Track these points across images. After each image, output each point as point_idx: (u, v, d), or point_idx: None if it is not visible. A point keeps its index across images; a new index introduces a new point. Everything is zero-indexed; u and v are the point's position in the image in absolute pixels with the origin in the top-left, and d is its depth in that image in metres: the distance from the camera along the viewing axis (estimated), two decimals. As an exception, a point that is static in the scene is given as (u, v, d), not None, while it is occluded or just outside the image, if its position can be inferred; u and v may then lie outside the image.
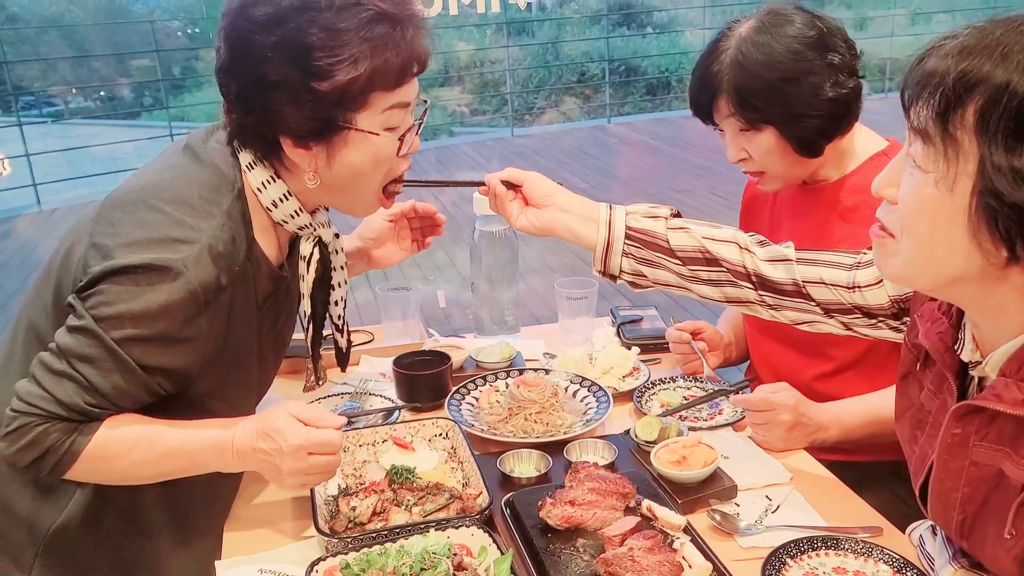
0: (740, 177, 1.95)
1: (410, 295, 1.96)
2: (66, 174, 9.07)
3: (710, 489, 1.32)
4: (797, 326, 1.35)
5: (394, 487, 1.31)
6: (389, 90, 1.21)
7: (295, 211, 1.29)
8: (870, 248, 1.50)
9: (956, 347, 1.03)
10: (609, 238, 1.34)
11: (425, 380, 1.66)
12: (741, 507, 1.32)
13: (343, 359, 1.55)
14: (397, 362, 1.69)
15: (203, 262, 1.15)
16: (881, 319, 1.26)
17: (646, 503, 1.23)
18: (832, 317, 1.30)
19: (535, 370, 1.72)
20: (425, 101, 1.32)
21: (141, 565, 1.33)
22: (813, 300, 1.29)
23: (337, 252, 1.43)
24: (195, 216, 1.18)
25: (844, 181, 1.61)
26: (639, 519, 1.18)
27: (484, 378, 1.70)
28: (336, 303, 1.47)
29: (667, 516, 1.20)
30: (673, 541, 1.15)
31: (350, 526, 1.25)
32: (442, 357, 1.72)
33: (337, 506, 1.28)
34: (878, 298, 1.25)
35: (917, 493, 1.10)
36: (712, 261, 1.33)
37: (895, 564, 1.15)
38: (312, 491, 1.28)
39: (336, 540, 1.18)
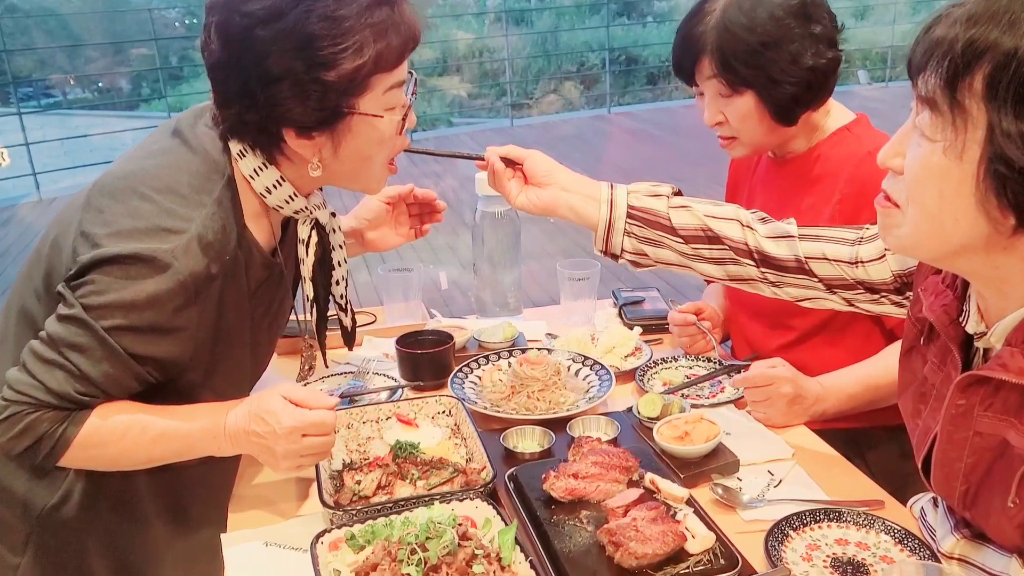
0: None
1: (411, 276, 1.97)
2: (65, 163, 9.07)
3: (712, 464, 1.33)
4: (799, 303, 1.36)
5: (398, 461, 1.32)
6: (389, 71, 1.21)
7: (290, 196, 1.28)
8: (829, 220, 1.52)
9: (961, 319, 1.03)
10: (611, 217, 1.34)
11: (428, 359, 1.66)
12: (743, 481, 1.32)
13: (349, 338, 1.56)
14: (400, 341, 1.69)
15: (192, 252, 1.14)
16: (884, 294, 1.27)
17: (649, 476, 1.24)
18: (835, 293, 1.30)
19: (538, 349, 1.72)
20: (411, 73, 1.30)
21: (136, 549, 1.34)
22: (815, 276, 1.30)
23: (335, 231, 1.42)
24: (185, 205, 1.17)
25: (810, 153, 1.64)
26: (642, 491, 1.19)
27: (487, 357, 1.70)
28: (338, 283, 1.46)
29: (670, 488, 1.21)
30: (676, 513, 1.16)
31: (355, 499, 1.25)
32: (445, 336, 1.72)
33: (342, 480, 1.29)
34: (881, 273, 1.25)
35: (920, 466, 1.11)
36: (714, 239, 1.33)
37: (896, 535, 1.16)
38: (317, 466, 1.28)
39: (341, 513, 1.18)
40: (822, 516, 1.20)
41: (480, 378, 1.65)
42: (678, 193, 1.38)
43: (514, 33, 12.68)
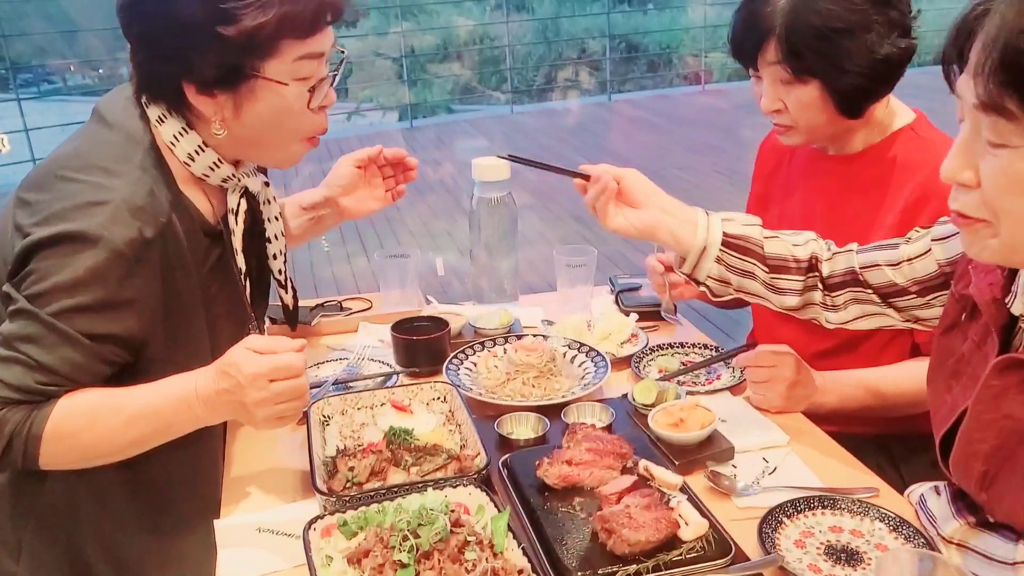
0: (743, 155, 1.94)
1: (408, 262, 1.96)
2: (64, 150, 9.04)
3: (707, 451, 1.32)
4: (850, 324, 1.33)
5: (392, 448, 1.31)
6: (300, 39, 1.18)
7: (214, 163, 1.26)
8: (893, 226, 1.47)
9: (1007, 300, 1.01)
10: (706, 243, 1.31)
11: (424, 345, 1.65)
12: (738, 468, 1.32)
13: (291, 317, 1.53)
14: (395, 327, 1.69)
15: (121, 220, 1.13)
16: (933, 294, 1.23)
17: (643, 463, 1.23)
18: (890, 305, 1.28)
19: (533, 335, 1.71)
20: (343, 51, 1.28)
21: (129, 545, 1.33)
22: (870, 287, 1.28)
23: (269, 202, 1.40)
24: (107, 177, 1.16)
25: (866, 153, 1.57)
26: (636, 478, 1.19)
27: (482, 344, 1.70)
28: (275, 257, 1.44)
29: (664, 475, 1.20)
30: (670, 500, 1.16)
31: (348, 486, 1.25)
32: (440, 323, 1.71)
33: (335, 466, 1.29)
34: (927, 267, 1.22)
35: (938, 443, 1.10)
36: (790, 269, 1.32)
37: (891, 523, 1.15)
38: (310, 452, 1.27)
39: (334, 499, 1.18)
40: (816, 503, 1.19)
41: (475, 364, 1.64)
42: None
43: (515, 20, 12.62)
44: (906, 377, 1.48)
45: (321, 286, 5.24)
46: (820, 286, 1.33)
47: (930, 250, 1.22)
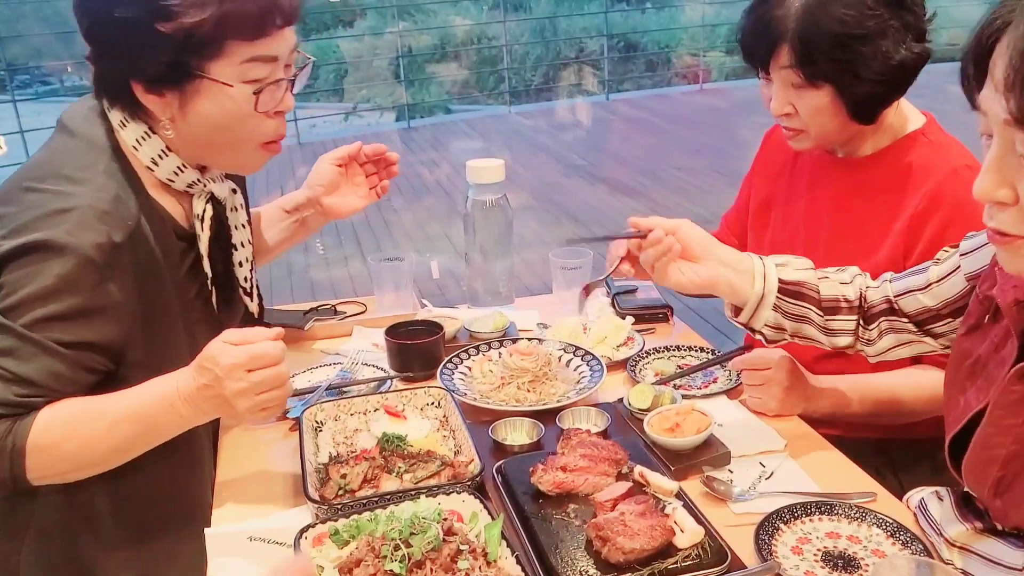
0: (741, 155, 1.91)
1: (403, 265, 1.94)
2: (61, 152, 9.01)
3: (703, 456, 1.31)
4: (886, 354, 1.31)
5: (385, 454, 1.30)
6: (247, 40, 1.18)
7: (178, 168, 1.25)
8: (901, 232, 1.46)
9: None
10: (764, 291, 1.29)
11: (418, 349, 1.64)
12: (735, 474, 1.31)
13: (256, 325, 1.53)
14: (389, 331, 1.68)
15: (88, 225, 1.12)
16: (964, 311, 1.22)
17: (638, 469, 1.22)
18: (926, 332, 1.26)
19: (529, 339, 1.70)
20: (308, 57, 1.27)
21: (118, 564, 1.32)
22: (905, 315, 1.27)
23: (236, 209, 1.39)
24: (71, 184, 1.15)
25: (876, 158, 1.55)
26: (631, 484, 1.18)
27: (477, 347, 1.68)
28: (241, 264, 1.43)
29: (659, 481, 1.19)
30: (665, 506, 1.15)
31: (340, 493, 1.23)
32: (435, 327, 1.70)
33: (327, 473, 1.27)
34: (956, 286, 1.20)
35: (948, 444, 1.09)
36: (842, 309, 1.30)
37: (888, 528, 1.14)
38: (302, 459, 1.26)
39: (326, 507, 1.17)
40: (813, 509, 1.18)
41: (470, 368, 1.63)
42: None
43: (512, 19, 12.60)
44: (904, 384, 1.47)
45: (317, 289, 5.23)
46: (862, 321, 1.32)
47: (959, 267, 1.19)
